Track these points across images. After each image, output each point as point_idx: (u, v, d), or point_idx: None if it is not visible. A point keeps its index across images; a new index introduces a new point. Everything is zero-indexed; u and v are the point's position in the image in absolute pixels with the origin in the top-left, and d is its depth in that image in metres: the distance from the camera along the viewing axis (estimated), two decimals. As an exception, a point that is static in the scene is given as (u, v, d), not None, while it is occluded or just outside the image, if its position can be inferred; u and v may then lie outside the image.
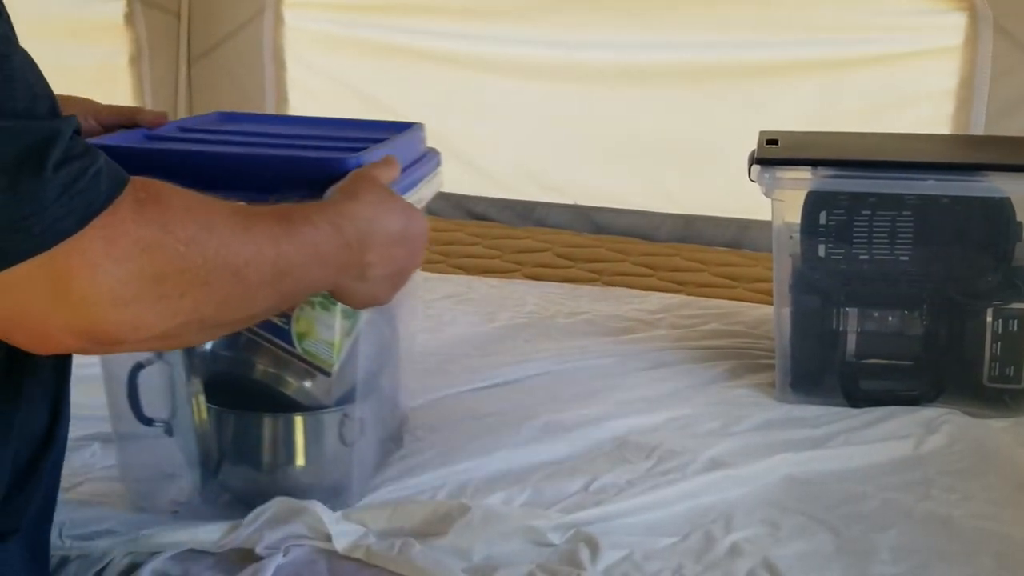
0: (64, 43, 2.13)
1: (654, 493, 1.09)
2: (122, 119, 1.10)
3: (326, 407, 1.01)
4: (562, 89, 2.30)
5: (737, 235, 2.13)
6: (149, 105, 2.58)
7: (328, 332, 0.97)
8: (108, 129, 1.10)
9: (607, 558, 0.97)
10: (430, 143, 1.19)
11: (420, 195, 1.06)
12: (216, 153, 0.99)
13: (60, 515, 0.99)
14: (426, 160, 1.14)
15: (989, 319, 1.31)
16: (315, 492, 1.01)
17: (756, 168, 1.33)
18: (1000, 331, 1.30)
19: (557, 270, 2.12)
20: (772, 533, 1.03)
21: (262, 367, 1.00)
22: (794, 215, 1.35)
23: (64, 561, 0.97)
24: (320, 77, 2.47)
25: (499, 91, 2.33)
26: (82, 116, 1.07)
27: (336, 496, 1.03)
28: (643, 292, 1.91)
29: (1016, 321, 1.30)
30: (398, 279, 0.88)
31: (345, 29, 2.45)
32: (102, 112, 1.10)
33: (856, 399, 1.34)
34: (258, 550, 0.95)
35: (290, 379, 0.99)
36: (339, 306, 0.96)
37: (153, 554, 0.97)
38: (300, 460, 1.02)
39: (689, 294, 1.92)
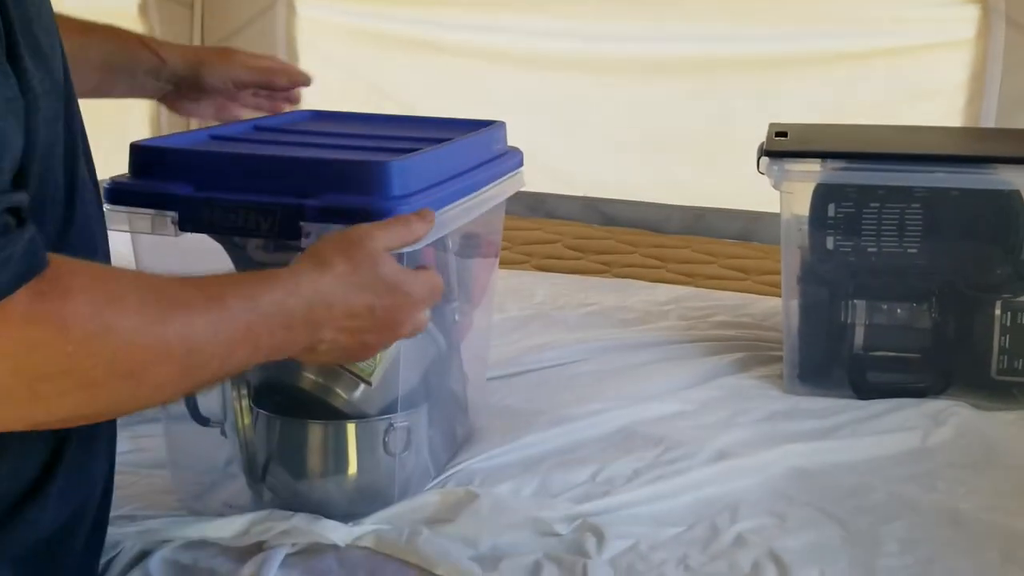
0: (78, 34, 2.14)
1: (660, 484, 1.10)
2: (259, 80, 1.11)
3: (370, 416, 1.00)
4: (574, 81, 2.30)
5: (747, 227, 2.13)
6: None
7: None
8: (244, 87, 1.12)
9: (613, 548, 0.97)
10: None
11: (487, 195, 1.06)
12: (246, 155, 0.99)
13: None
14: (500, 161, 1.14)
15: (998, 312, 1.31)
16: (359, 501, 1.01)
17: (765, 160, 1.33)
18: (1008, 324, 1.31)
19: (567, 262, 2.13)
20: (778, 524, 1.03)
21: (308, 375, 0.99)
22: (803, 207, 1.36)
23: (76, 548, 0.98)
24: (333, 68, 2.47)
25: (511, 82, 2.33)
26: (220, 79, 1.09)
27: (381, 505, 1.02)
28: (652, 284, 1.91)
29: (1024, 314, 1.30)
30: (363, 351, 0.83)
31: (358, 20, 2.45)
32: (241, 74, 1.11)
33: (864, 391, 1.34)
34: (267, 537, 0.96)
35: (335, 388, 0.99)
36: None
37: (163, 542, 0.98)
38: (343, 468, 1.01)
39: (698, 286, 1.92)
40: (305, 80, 1.23)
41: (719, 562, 0.96)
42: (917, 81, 2.05)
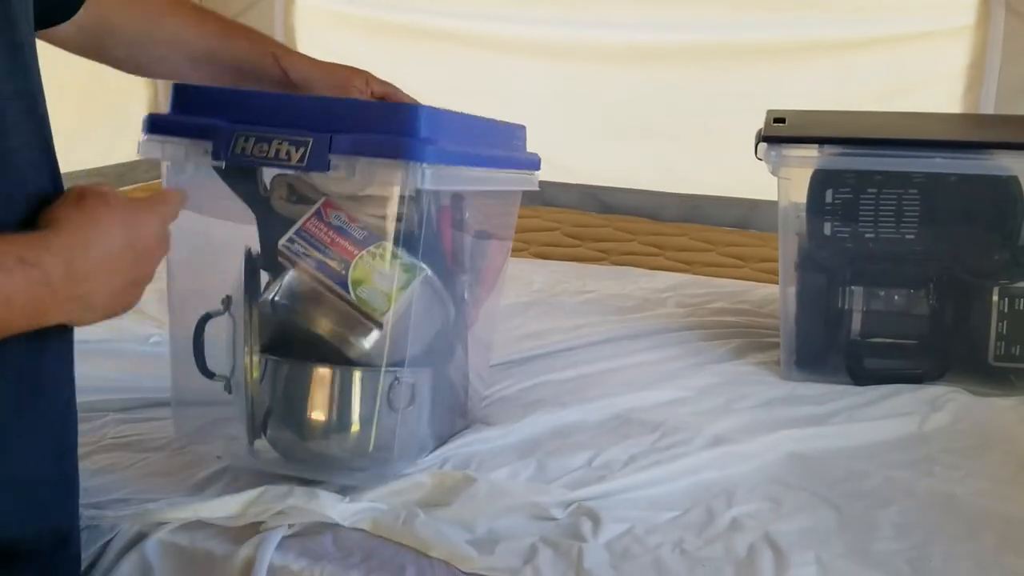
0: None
1: (657, 469, 1.10)
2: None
3: (377, 366, 1.00)
4: (572, 68, 2.30)
5: (744, 215, 2.13)
6: (160, 86, 2.60)
7: (385, 282, 0.98)
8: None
9: (609, 532, 0.97)
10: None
11: (503, 177, 1.10)
12: (282, 95, 1.05)
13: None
14: (519, 155, 1.17)
15: (995, 298, 1.31)
16: (358, 455, 1.02)
17: (763, 146, 1.33)
18: (1006, 310, 1.31)
19: (565, 249, 2.13)
20: (774, 509, 1.03)
21: (317, 318, 1.00)
22: (801, 194, 1.36)
23: (73, 530, 0.98)
24: (330, 56, 2.46)
25: (509, 70, 2.33)
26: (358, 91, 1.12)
27: (379, 463, 1.02)
28: (651, 271, 1.92)
29: (1022, 300, 1.30)
30: (134, 289, 0.80)
31: (355, 8, 2.45)
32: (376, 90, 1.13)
33: (861, 377, 1.34)
34: (264, 518, 0.96)
35: (343, 332, 1.00)
36: (399, 259, 0.98)
37: (160, 524, 0.98)
38: (345, 417, 1.02)
39: (696, 273, 1.93)
40: None
41: (715, 546, 0.96)
42: (917, 69, 2.05)
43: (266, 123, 0.95)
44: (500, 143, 1.13)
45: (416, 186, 0.92)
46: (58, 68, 1.01)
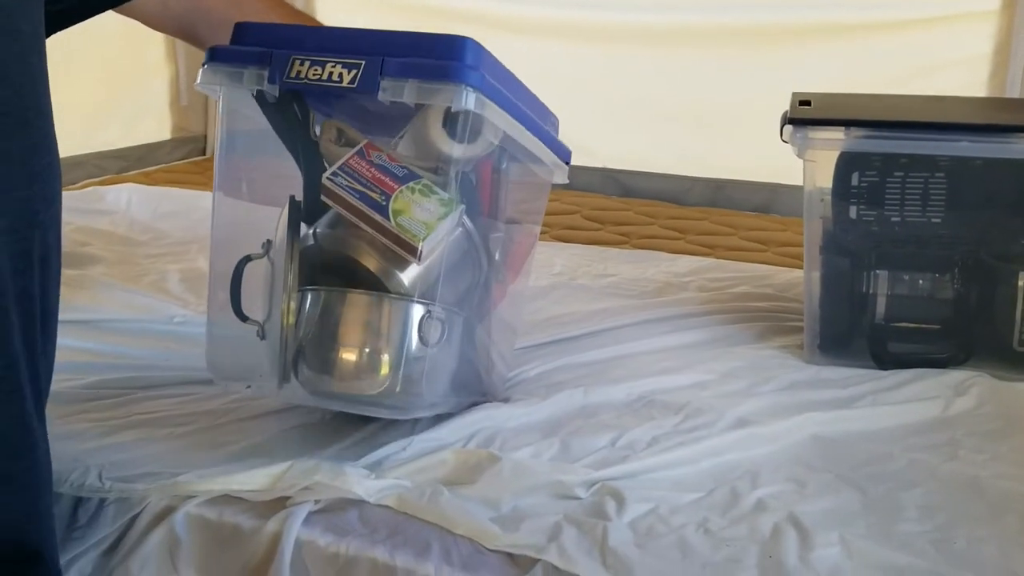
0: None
1: (680, 450, 1.10)
2: None
3: (410, 297, 1.03)
4: (593, 51, 2.30)
5: (767, 199, 2.13)
6: (181, 60, 2.60)
7: (423, 213, 1.00)
8: None
9: (633, 511, 0.98)
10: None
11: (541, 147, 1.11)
12: (336, 28, 1.10)
13: (100, 458, 1.02)
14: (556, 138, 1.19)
15: (1021, 283, 1.30)
16: (386, 391, 1.02)
17: (788, 128, 1.32)
18: (1032, 295, 1.30)
19: (586, 232, 2.12)
20: (798, 490, 1.03)
21: (357, 246, 1.02)
22: (826, 177, 1.35)
23: (102, 504, 0.99)
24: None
25: (529, 52, 2.31)
26: None
27: (406, 402, 1.03)
28: (672, 255, 1.91)
29: (1048, 285, 1.29)
30: None
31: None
32: None
33: (884, 361, 1.34)
34: (291, 493, 0.97)
35: (382, 263, 1.02)
36: (436, 194, 1.01)
37: (187, 498, 0.99)
38: (376, 345, 1.03)
39: (718, 258, 1.92)
40: None
41: (739, 526, 0.96)
42: (940, 52, 2.04)
43: (319, 51, 0.99)
44: (537, 112, 1.15)
45: (460, 107, 0.96)
46: (79, 50, 1.03)
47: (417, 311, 1.02)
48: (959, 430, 1.18)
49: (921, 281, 1.36)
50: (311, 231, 1.06)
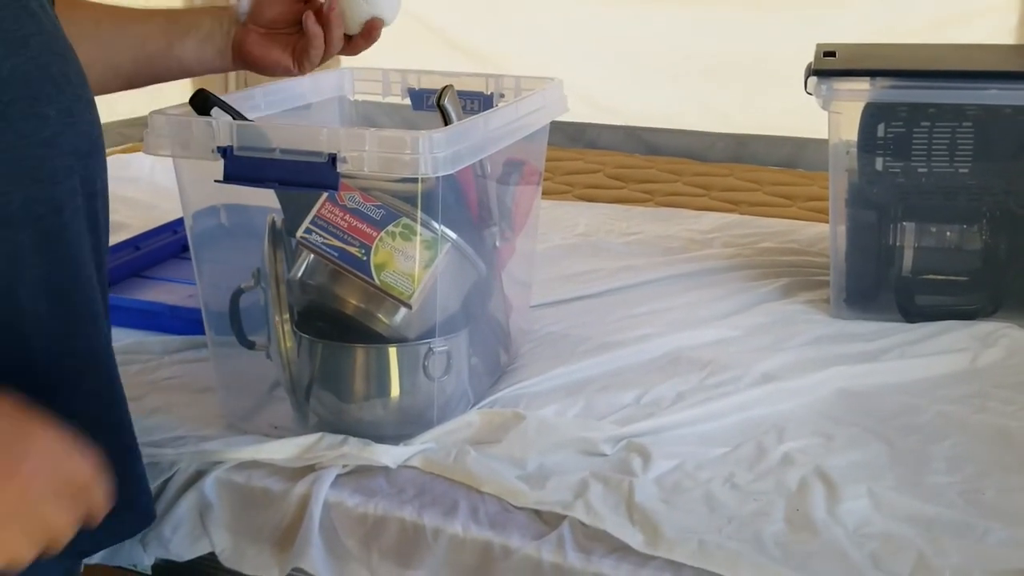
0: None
1: (706, 406, 1.10)
2: None
3: (408, 340, 1.01)
4: (614, 9, 2.27)
5: (792, 154, 2.11)
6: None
7: (407, 263, 0.96)
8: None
9: (659, 467, 0.98)
10: (481, 65, 1.18)
11: (520, 123, 1.08)
12: None
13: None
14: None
15: (1051, 232, 1.28)
16: (401, 423, 1.03)
17: (813, 80, 1.30)
18: (1061, 245, 1.28)
19: (609, 191, 2.11)
20: (825, 444, 1.03)
21: (347, 299, 0.99)
22: (851, 129, 1.33)
23: (133, 468, 1.00)
24: None
25: (551, 11, 2.31)
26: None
27: (422, 428, 1.03)
28: (696, 212, 1.90)
29: (1078, 234, 1.27)
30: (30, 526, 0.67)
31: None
32: None
33: (912, 314, 1.32)
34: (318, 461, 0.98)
35: (377, 313, 0.99)
36: (418, 236, 0.96)
37: (217, 464, 1.00)
38: (385, 392, 1.03)
39: (743, 214, 1.91)
40: None
41: (766, 480, 0.96)
42: (968, 1, 2.00)
43: None
44: None
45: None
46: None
47: (419, 351, 1.01)
48: (988, 382, 1.17)
49: (949, 233, 1.34)
50: (298, 277, 1.01)
